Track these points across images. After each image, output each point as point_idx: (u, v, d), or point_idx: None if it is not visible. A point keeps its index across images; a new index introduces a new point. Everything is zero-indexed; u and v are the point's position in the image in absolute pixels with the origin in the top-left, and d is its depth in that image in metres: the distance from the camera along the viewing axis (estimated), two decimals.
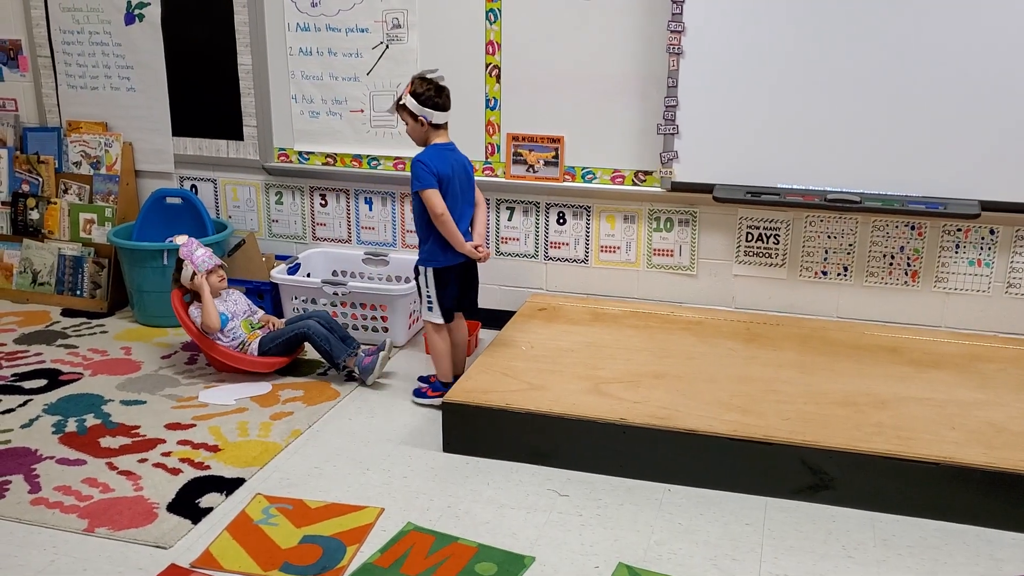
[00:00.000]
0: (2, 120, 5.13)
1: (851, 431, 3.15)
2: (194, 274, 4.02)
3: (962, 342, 3.97)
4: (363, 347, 4.07)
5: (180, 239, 4.12)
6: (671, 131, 4.09)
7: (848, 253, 4.17)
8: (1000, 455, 3.00)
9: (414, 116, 3.63)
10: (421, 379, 3.99)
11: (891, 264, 4.14)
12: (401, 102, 3.65)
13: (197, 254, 4.05)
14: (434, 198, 3.59)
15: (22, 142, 5.12)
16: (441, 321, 3.79)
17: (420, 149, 3.71)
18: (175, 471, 3.28)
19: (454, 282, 3.78)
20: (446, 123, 3.70)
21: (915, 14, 3.71)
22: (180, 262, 4.07)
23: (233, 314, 4.10)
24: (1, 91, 5.16)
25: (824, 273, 4.22)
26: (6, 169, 5.08)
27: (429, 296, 3.75)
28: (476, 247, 3.73)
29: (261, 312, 4.29)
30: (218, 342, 4.02)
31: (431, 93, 3.61)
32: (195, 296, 4.08)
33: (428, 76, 3.64)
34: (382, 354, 3.96)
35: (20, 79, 5.11)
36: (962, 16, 3.67)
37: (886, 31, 3.76)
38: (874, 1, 3.74)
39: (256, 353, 4.04)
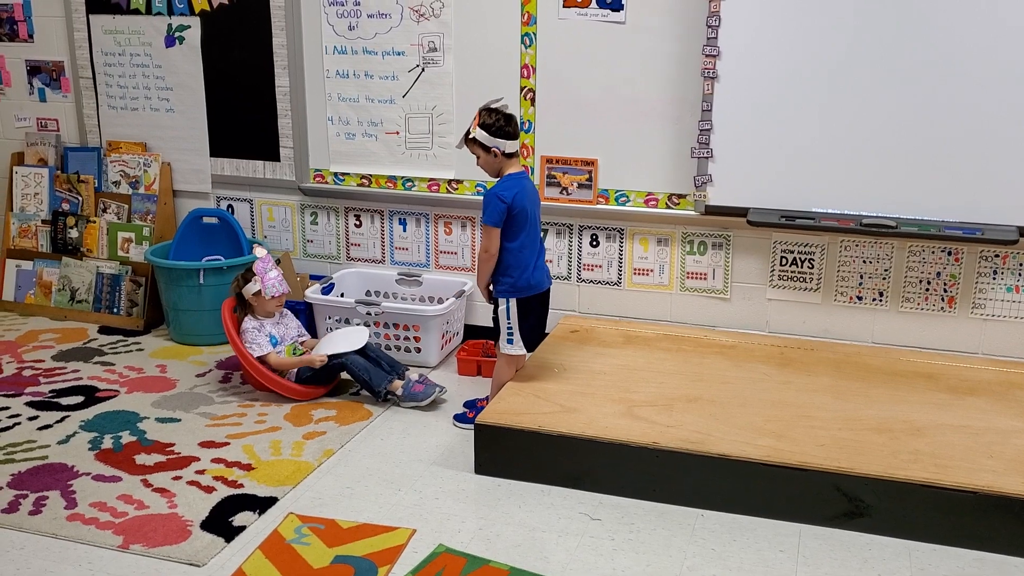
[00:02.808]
0: (44, 140, 5.22)
1: (887, 458, 3.12)
2: (258, 293, 4.04)
3: (1000, 369, 3.92)
4: (419, 373, 4.12)
5: (259, 252, 4.11)
6: (705, 154, 4.09)
7: (884, 278, 4.14)
8: None
9: (486, 148, 3.58)
10: (467, 404, 3.99)
11: (927, 290, 4.10)
12: (471, 136, 3.59)
13: (271, 275, 4.06)
14: (495, 237, 3.58)
15: (63, 161, 5.20)
16: (523, 352, 3.76)
17: (489, 179, 3.71)
18: (209, 489, 3.30)
19: (534, 312, 3.76)
20: (518, 151, 3.68)
21: (952, 39, 3.69)
22: (249, 273, 4.09)
23: (282, 338, 4.12)
24: (43, 111, 5.25)
25: (859, 298, 4.18)
26: (47, 188, 5.17)
27: (510, 328, 3.70)
28: None
29: (308, 337, 4.31)
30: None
31: (501, 123, 3.58)
32: (246, 309, 4.11)
33: (494, 106, 3.61)
34: (433, 396, 3.97)
35: (62, 100, 5.20)
36: (1000, 40, 3.65)
37: (922, 56, 3.74)
38: (910, 26, 3.73)
39: (294, 380, 4.06)
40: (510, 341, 3.72)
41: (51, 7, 5.05)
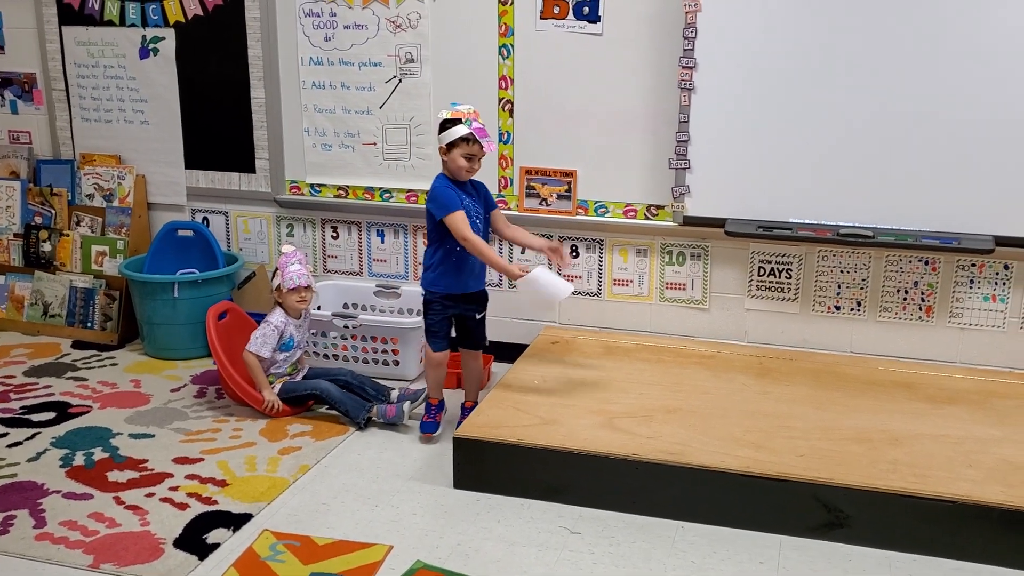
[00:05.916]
0: (16, 152, 5.16)
1: (866, 468, 3.11)
2: (279, 287, 3.98)
3: (978, 378, 3.92)
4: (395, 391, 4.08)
5: (286, 248, 4.04)
6: (683, 166, 4.08)
7: (861, 288, 4.14)
8: (1019, 493, 2.95)
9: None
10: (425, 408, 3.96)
11: (905, 299, 4.10)
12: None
13: (291, 268, 3.97)
14: (459, 220, 3.63)
15: (35, 174, 5.14)
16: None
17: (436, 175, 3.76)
18: (182, 506, 3.25)
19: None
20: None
21: (930, 49, 3.71)
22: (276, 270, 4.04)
23: (298, 344, 4.08)
24: (16, 124, 5.19)
25: (837, 308, 4.19)
26: (19, 201, 5.11)
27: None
28: None
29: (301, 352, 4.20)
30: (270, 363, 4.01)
31: None
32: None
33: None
34: (407, 405, 3.91)
35: (35, 112, 5.14)
36: (977, 50, 3.66)
37: (899, 67, 3.75)
38: (887, 37, 3.74)
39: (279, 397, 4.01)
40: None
41: (23, 18, 5.00)
